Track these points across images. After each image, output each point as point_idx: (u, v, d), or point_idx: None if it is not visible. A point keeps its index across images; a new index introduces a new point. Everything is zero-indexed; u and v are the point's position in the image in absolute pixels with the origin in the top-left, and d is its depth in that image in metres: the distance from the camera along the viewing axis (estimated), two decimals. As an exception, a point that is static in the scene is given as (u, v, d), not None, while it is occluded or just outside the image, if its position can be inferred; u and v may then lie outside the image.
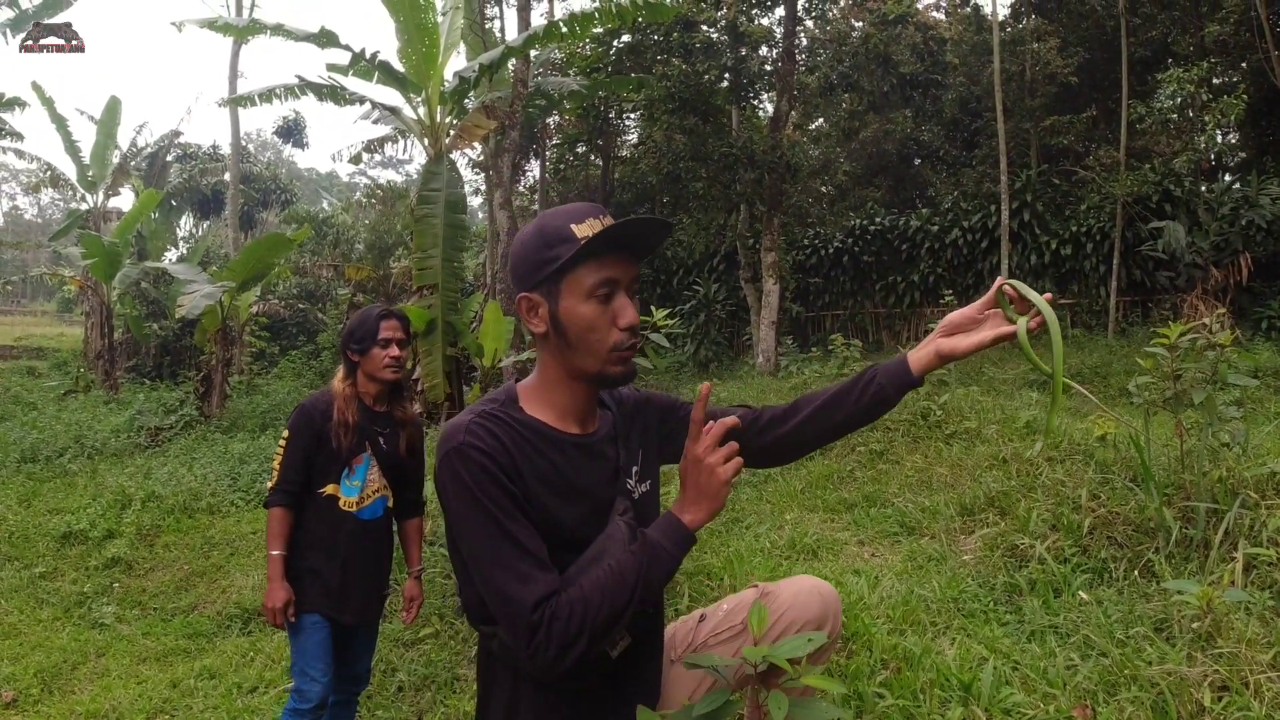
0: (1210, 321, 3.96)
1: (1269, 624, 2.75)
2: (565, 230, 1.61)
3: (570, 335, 1.64)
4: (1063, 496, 4.39)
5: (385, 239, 22.78)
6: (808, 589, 1.88)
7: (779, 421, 1.84)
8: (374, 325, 3.02)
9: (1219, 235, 14.75)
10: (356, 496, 3.00)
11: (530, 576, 1.50)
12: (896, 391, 1.76)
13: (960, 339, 1.73)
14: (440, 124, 12.86)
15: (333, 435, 2.95)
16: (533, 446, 1.63)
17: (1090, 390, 11.10)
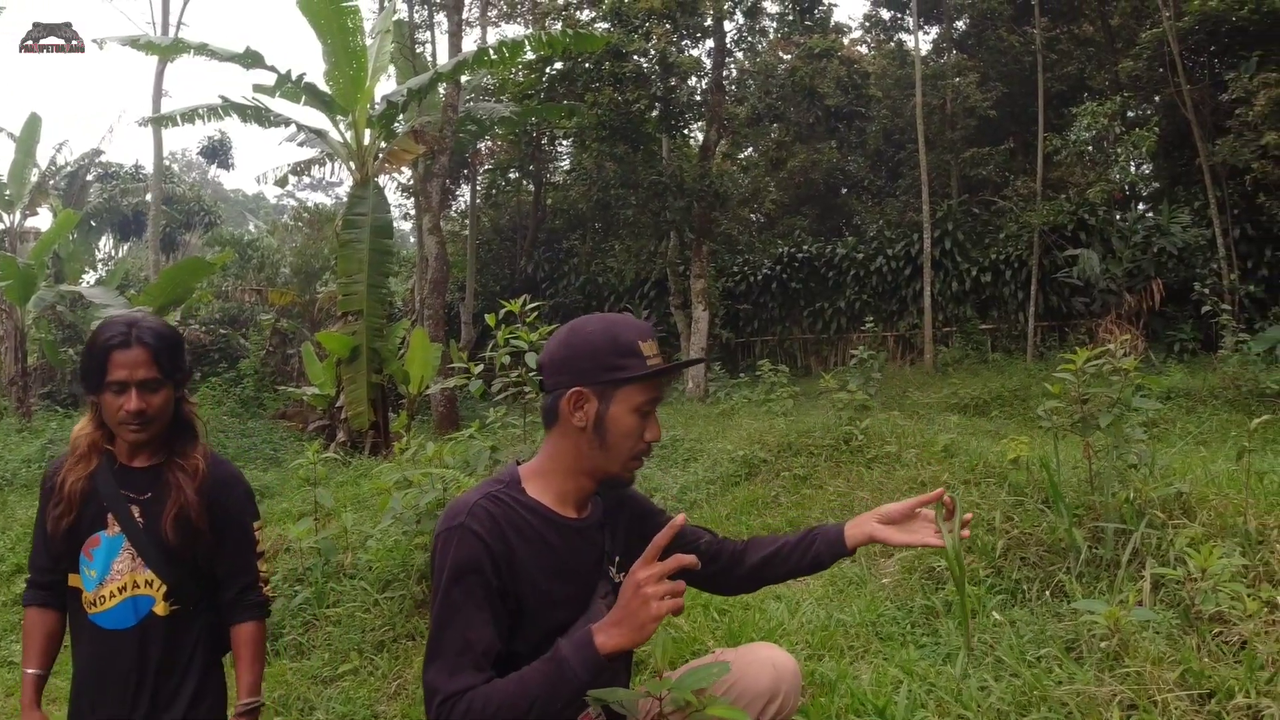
0: (1116, 346, 4.07)
1: (1175, 642, 2.81)
2: (635, 345, 1.74)
3: (609, 439, 1.74)
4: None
5: (312, 263, 22.42)
6: (763, 659, 1.94)
7: (736, 562, 2.07)
8: (102, 359, 2.00)
9: (1132, 262, 15.32)
10: (93, 592, 2.08)
11: (458, 670, 1.58)
12: (831, 559, 2.04)
13: (894, 532, 1.99)
14: (367, 148, 12.72)
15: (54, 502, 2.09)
16: (533, 530, 1.72)
17: (1008, 412, 11.41)
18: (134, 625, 2.08)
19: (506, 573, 1.66)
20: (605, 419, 1.74)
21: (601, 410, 1.73)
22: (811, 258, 19.21)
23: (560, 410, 1.74)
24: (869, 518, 2.02)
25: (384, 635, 4.15)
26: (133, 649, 2.08)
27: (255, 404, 17.66)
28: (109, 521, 2.08)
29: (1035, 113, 17.11)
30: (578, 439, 1.75)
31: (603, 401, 1.73)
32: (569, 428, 1.75)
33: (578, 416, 1.73)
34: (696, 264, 15.78)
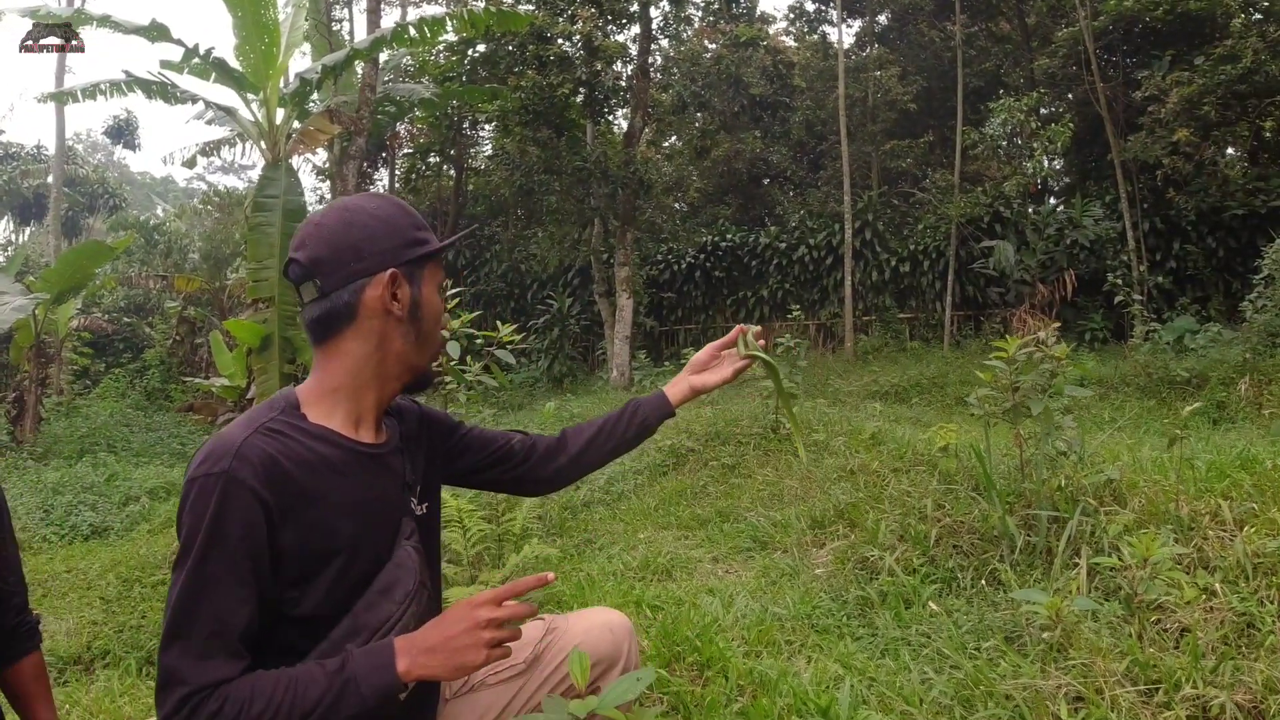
0: (1046, 335, 4.05)
1: (1118, 632, 2.77)
2: (421, 219, 1.59)
3: (425, 325, 1.55)
4: (909, 507, 4.41)
5: (222, 249, 21.58)
6: (599, 624, 1.81)
7: (556, 452, 1.93)
8: None
9: (1045, 254, 15.69)
10: None
11: (209, 656, 1.28)
12: (657, 420, 1.99)
13: (708, 375, 2.01)
14: (279, 127, 12.21)
15: None
16: (323, 463, 1.43)
17: (927, 399, 11.56)
18: None
19: (287, 529, 1.36)
20: (420, 303, 1.53)
21: (415, 293, 1.52)
22: (735, 246, 19.24)
23: (365, 304, 1.47)
24: (684, 374, 2.02)
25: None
26: None
27: (161, 396, 16.98)
28: None
29: (954, 107, 17.39)
30: (388, 334, 1.50)
31: (414, 284, 1.52)
32: (376, 324, 1.48)
33: (395, 305, 1.49)
34: (621, 252, 15.62)
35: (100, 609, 4.76)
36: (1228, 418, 8.38)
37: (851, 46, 21.47)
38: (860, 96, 19.24)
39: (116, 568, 5.45)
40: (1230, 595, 2.86)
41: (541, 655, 1.76)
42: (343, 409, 1.50)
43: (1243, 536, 3.19)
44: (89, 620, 4.58)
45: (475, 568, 3.88)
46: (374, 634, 1.39)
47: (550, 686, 1.73)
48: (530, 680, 1.74)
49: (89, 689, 4.20)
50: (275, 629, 1.38)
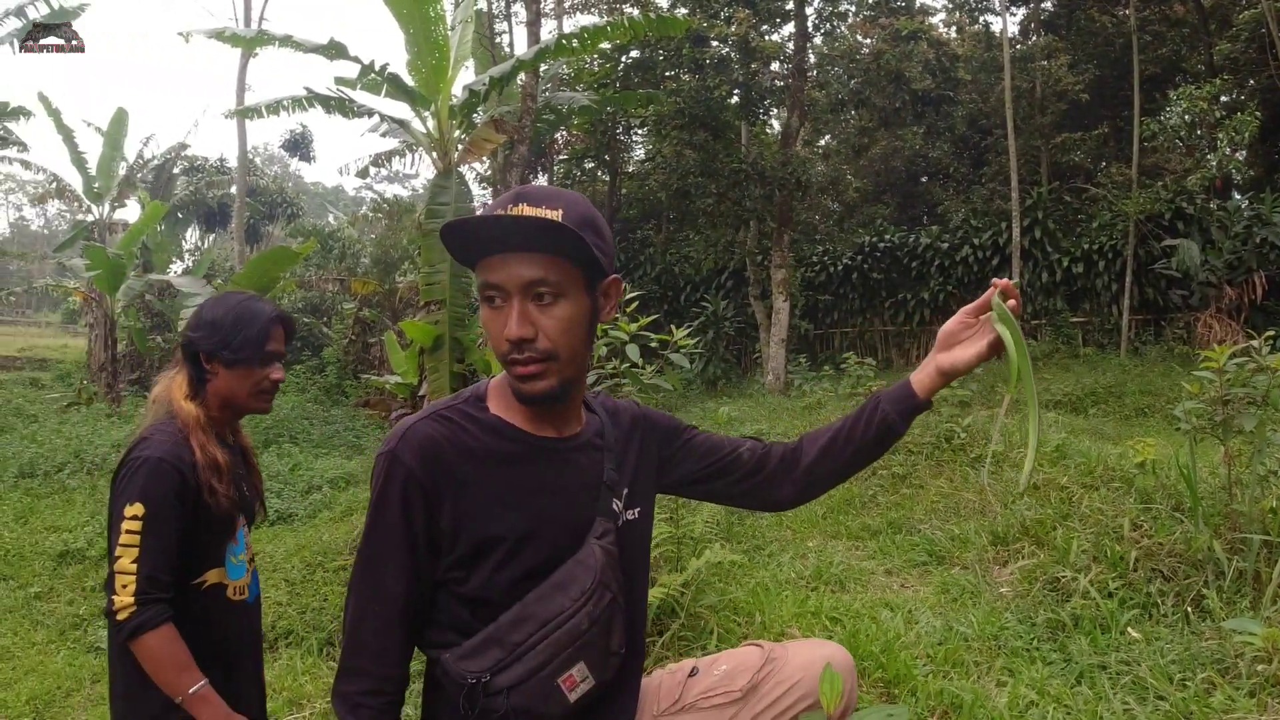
0: (1260, 344, 3.78)
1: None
2: None
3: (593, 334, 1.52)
4: (1102, 526, 4.20)
5: (391, 254, 22.67)
6: (821, 659, 1.66)
7: (789, 465, 1.73)
8: (264, 330, 2.08)
9: (1232, 253, 14.60)
10: (245, 576, 2.10)
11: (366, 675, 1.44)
12: (903, 419, 1.66)
13: (959, 352, 1.64)
14: (449, 138, 12.73)
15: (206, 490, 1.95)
16: (489, 452, 1.46)
17: (1104, 409, 10.96)
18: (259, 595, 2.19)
19: (444, 510, 1.42)
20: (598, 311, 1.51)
21: None
22: (893, 247, 18.72)
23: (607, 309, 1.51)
24: (931, 355, 1.67)
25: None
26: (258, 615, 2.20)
27: (338, 392, 17.94)
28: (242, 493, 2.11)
29: (1128, 96, 16.43)
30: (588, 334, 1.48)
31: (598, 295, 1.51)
32: None
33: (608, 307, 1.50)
34: (777, 253, 15.50)
35: (285, 590, 4.97)
36: None
37: (1016, 35, 20.59)
38: (1027, 88, 18.41)
39: (301, 552, 5.69)
40: None
41: (759, 685, 1.67)
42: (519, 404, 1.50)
43: None
44: (275, 601, 4.79)
45: (655, 570, 3.94)
46: (542, 625, 1.39)
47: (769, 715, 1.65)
48: (744, 710, 1.66)
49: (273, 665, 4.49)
50: (447, 605, 1.47)
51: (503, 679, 1.38)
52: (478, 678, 1.38)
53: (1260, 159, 18.02)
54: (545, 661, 1.39)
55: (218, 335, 2.03)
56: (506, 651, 1.39)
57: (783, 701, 1.63)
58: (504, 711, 1.38)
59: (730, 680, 1.68)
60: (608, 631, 1.45)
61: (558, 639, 1.40)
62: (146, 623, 1.83)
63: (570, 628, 1.41)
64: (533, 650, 1.39)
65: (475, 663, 1.39)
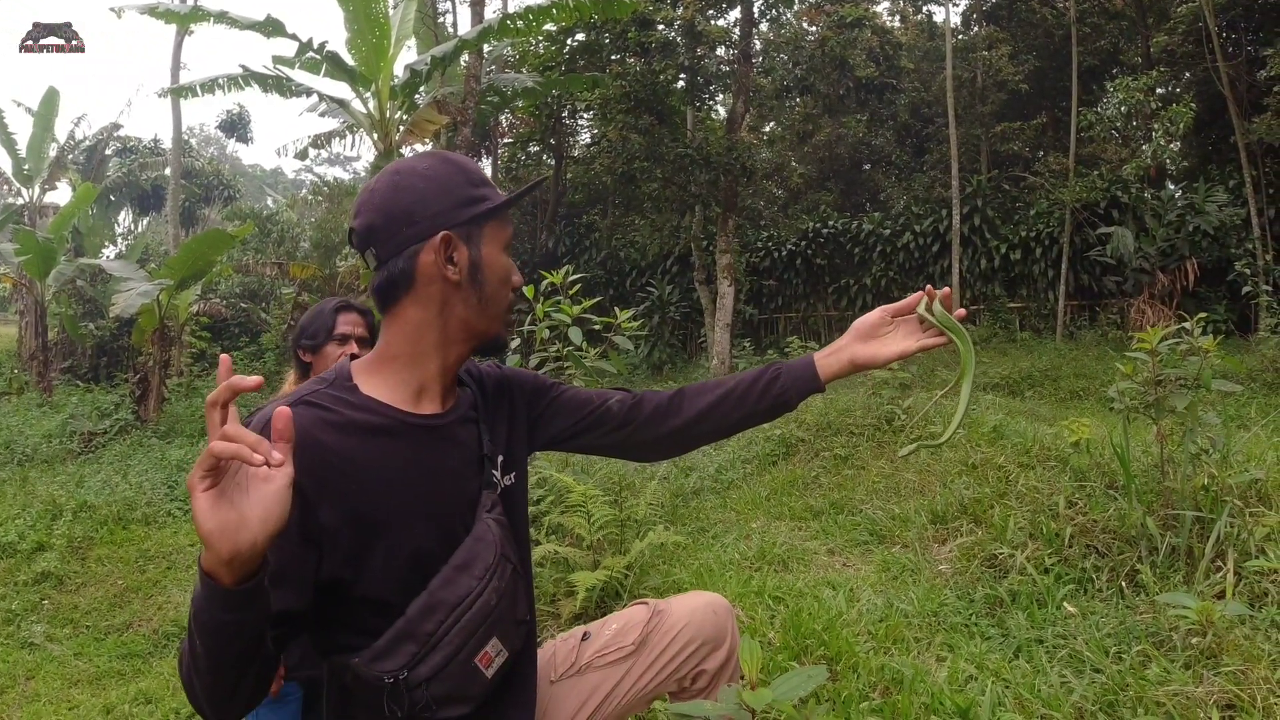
0: (1192, 326, 3.86)
1: (1272, 639, 2.64)
2: (482, 173, 1.50)
3: (488, 288, 1.46)
4: (1038, 504, 4.27)
5: (332, 237, 22.23)
6: (702, 606, 1.77)
7: (667, 413, 1.71)
8: (330, 319, 2.58)
9: (1165, 241, 14.99)
10: None
11: None
12: (799, 396, 1.68)
13: (878, 347, 1.65)
14: (390, 119, 12.53)
15: None
16: (364, 435, 1.37)
17: (1040, 392, 11.20)
18: None
19: (324, 505, 1.30)
20: (480, 264, 1.45)
21: (474, 254, 1.45)
22: (837, 233, 18.90)
23: (420, 269, 1.41)
24: (844, 343, 1.67)
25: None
26: None
27: (277, 378, 17.56)
28: None
29: (1067, 87, 16.72)
30: (448, 299, 1.43)
31: (472, 245, 1.44)
32: (434, 290, 1.42)
33: (450, 269, 1.42)
34: (722, 239, 15.54)
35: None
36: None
37: (958, 25, 20.89)
38: (968, 77, 18.67)
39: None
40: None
41: (649, 638, 1.75)
42: (400, 378, 1.45)
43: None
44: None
45: (598, 552, 3.91)
46: (452, 610, 1.35)
47: (658, 668, 1.72)
48: (638, 662, 1.73)
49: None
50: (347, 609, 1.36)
51: (420, 671, 1.33)
52: (395, 676, 1.32)
53: (1194, 150, 18.48)
54: (461, 644, 1.35)
55: (302, 333, 2.60)
56: (420, 644, 1.33)
57: (672, 648, 1.71)
58: (424, 702, 1.33)
59: (622, 637, 1.76)
60: (514, 602, 1.44)
61: (470, 619, 1.36)
62: None
63: (480, 606, 1.37)
64: (447, 636, 1.35)
65: (390, 662, 1.33)
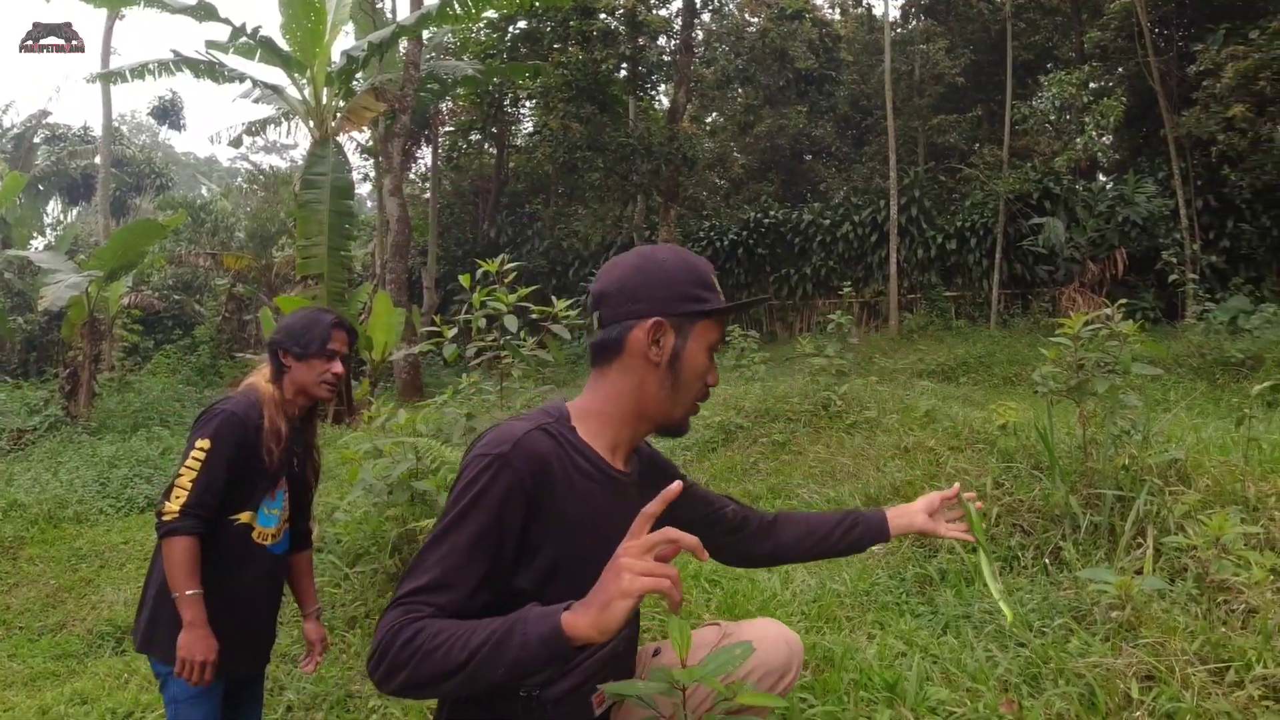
0: (1113, 311, 3.97)
1: (1188, 612, 2.73)
2: (710, 279, 1.65)
3: (682, 377, 1.61)
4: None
5: (267, 227, 21.85)
6: (774, 636, 1.86)
7: (766, 535, 1.98)
8: (326, 332, 2.57)
9: (1096, 231, 15.41)
10: (275, 527, 2.54)
11: (432, 591, 1.40)
12: (870, 543, 2.02)
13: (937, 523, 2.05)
14: (326, 105, 12.32)
15: (264, 450, 2.46)
16: (582, 476, 1.56)
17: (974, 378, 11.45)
18: (288, 550, 2.63)
19: (536, 521, 1.48)
20: (681, 355, 1.59)
21: (679, 345, 1.59)
22: (778, 223, 19.09)
23: (630, 342, 1.57)
24: (914, 509, 2.04)
25: (356, 611, 4.01)
26: (284, 570, 2.65)
27: (212, 372, 17.21)
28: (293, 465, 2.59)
29: (1002, 81, 17.08)
30: (646, 376, 1.59)
31: (680, 336, 1.59)
32: (637, 363, 1.59)
33: (654, 350, 1.57)
34: (664, 228, 15.59)
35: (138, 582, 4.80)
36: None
37: (897, 19, 21.13)
38: (906, 70, 18.94)
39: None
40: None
41: None
42: (604, 434, 1.62)
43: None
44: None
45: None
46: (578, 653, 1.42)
47: None
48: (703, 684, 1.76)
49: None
50: None
51: (551, 692, 1.51)
52: (528, 691, 1.49)
53: (1125, 143, 18.98)
54: (588, 678, 1.54)
55: (291, 336, 2.55)
56: (559, 667, 1.43)
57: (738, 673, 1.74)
58: None
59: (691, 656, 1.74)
60: (630, 652, 1.68)
61: (600, 659, 1.56)
62: (180, 529, 2.32)
63: (610, 649, 1.57)
64: (580, 668, 1.53)
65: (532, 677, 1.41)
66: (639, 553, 1.28)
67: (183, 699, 2.36)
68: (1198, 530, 3.02)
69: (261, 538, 2.51)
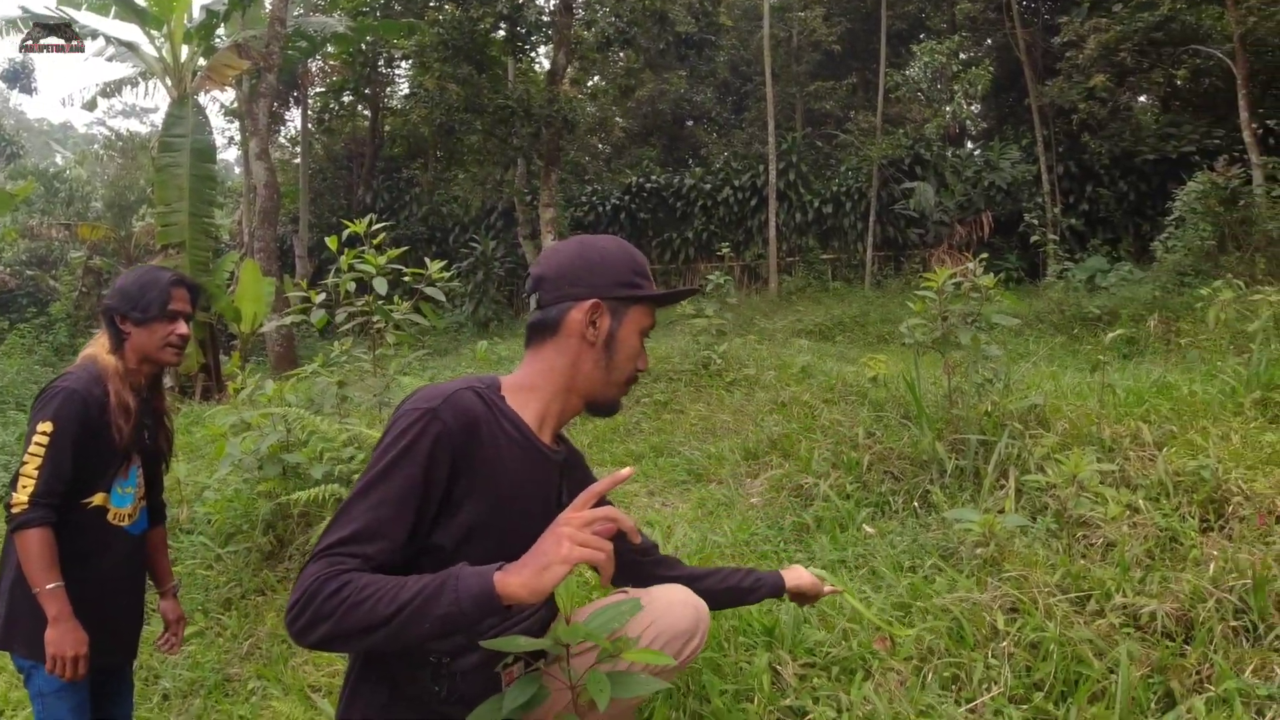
0: (974, 266, 4.11)
1: (1049, 547, 2.85)
2: (646, 267, 1.75)
3: (616, 358, 1.68)
4: (841, 436, 4.48)
5: (126, 195, 20.73)
6: (681, 601, 1.88)
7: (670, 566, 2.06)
8: (165, 291, 2.37)
9: (963, 196, 16.01)
10: (130, 506, 2.38)
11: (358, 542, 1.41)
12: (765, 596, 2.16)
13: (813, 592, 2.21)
14: (185, 63, 11.69)
15: (113, 427, 2.27)
16: (508, 442, 1.58)
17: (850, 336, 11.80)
18: (146, 529, 2.49)
19: (462, 476, 1.50)
20: (616, 336, 1.68)
21: (613, 327, 1.68)
22: (660, 188, 19.17)
23: (568, 322, 1.65)
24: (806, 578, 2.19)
25: (230, 592, 3.86)
26: (145, 549, 2.51)
27: (69, 350, 16.22)
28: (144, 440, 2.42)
29: (876, 49, 17.48)
30: (580, 354, 1.67)
31: (615, 319, 1.68)
32: (573, 342, 1.66)
33: (590, 331, 1.65)
34: (545, 193, 15.40)
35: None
36: (1138, 352, 8.68)
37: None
38: (785, 37, 19.16)
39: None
40: (1153, 511, 2.97)
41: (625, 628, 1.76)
42: (532, 406, 1.66)
43: (1163, 456, 3.31)
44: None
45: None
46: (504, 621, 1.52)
47: None
48: None
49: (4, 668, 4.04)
50: None
51: (459, 664, 1.54)
52: (438, 658, 1.52)
53: (992, 111, 19.71)
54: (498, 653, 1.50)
55: (127, 299, 2.35)
56: (471, 636, 1.48)
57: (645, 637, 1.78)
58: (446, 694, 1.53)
59: None
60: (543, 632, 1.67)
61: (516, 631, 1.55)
62: (31, 521, 2.16)
63: (525, 628, 1.60)
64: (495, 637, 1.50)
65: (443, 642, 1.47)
66: (581, 524, 1.34)
67: (49, 692, 2.24)
68: (1056, 470, 3.15)
69: (117, 519, 2.36)
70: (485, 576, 1.32)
